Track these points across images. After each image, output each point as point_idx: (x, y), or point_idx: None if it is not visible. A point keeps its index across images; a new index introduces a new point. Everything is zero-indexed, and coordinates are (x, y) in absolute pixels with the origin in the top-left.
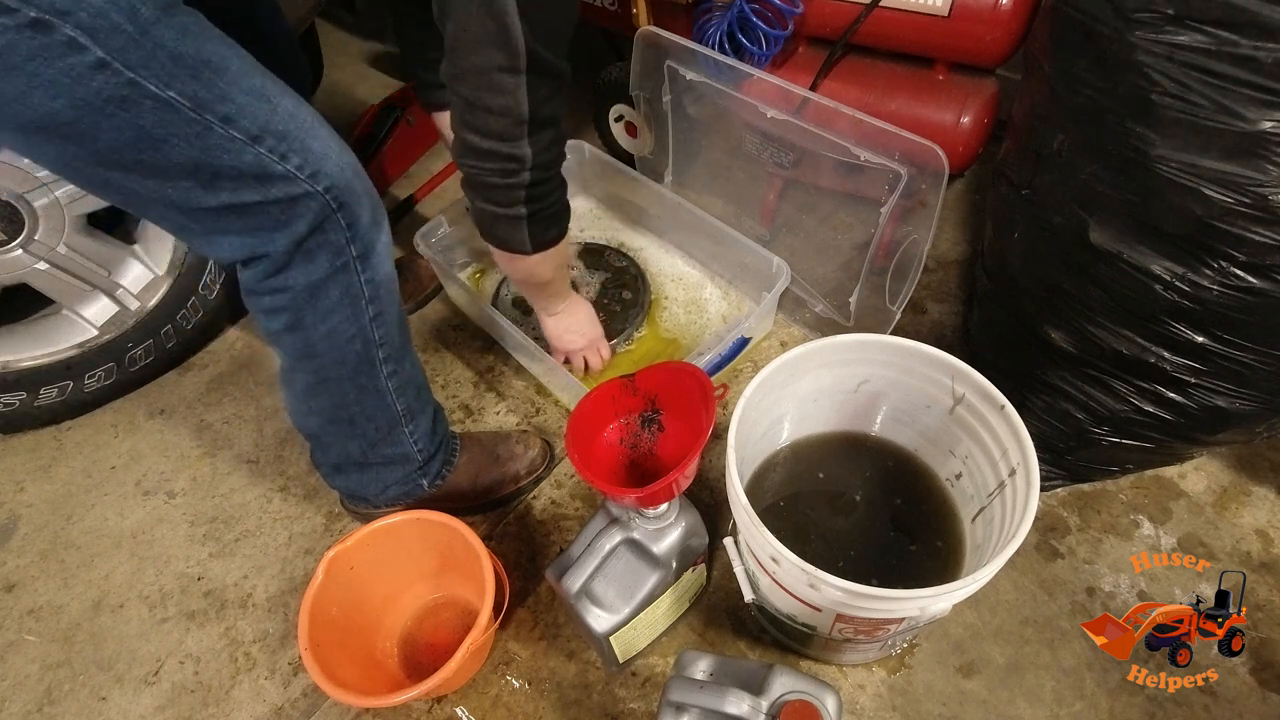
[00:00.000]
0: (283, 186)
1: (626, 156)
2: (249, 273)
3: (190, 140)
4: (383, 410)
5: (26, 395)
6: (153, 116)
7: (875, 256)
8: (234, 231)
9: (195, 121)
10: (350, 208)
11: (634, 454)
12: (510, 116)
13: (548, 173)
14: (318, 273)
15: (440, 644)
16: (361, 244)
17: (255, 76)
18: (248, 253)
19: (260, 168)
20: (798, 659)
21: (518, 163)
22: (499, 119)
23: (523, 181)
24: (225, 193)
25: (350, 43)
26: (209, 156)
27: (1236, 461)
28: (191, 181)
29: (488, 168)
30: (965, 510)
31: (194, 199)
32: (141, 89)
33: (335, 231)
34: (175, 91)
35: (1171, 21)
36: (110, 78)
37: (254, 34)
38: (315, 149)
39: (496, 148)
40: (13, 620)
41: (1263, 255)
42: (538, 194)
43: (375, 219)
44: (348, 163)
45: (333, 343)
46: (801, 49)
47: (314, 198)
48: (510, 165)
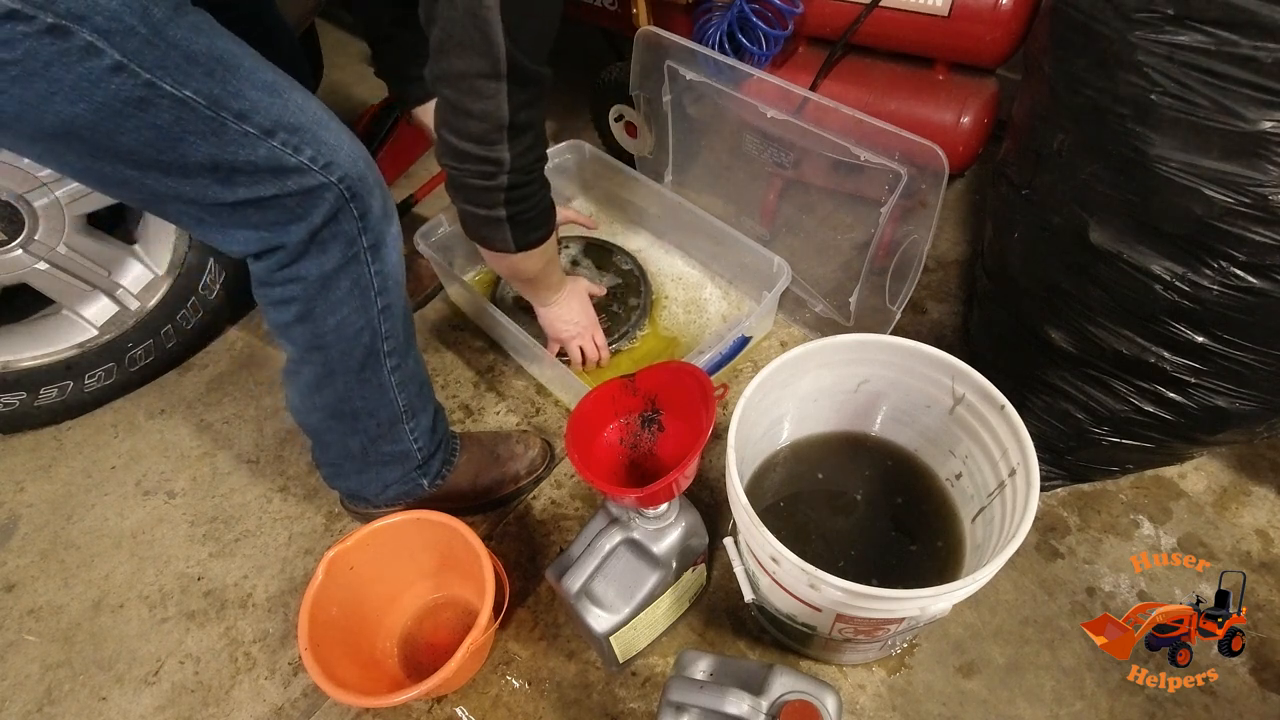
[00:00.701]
0: (298, 179)
1: (626, 156)
2: (262, 264)
3: (206, 137)
4: (385, 405)
5: (26, 395)
6: (170, 115)
7: (875, 256)
8: (251, 225)
9: (211, 119)
10: (363, 198)
11: (634, 454)
12: (490, 121)
13: (527, 175)
14: (330, 263)
15: (440, 644)
16: (373, 235)
17: (266, 72)
18: (263, 245)
19: (275, 161)
20: (798, 659)
21: (496, 165)
22: (479, 123)
23: (501, 185)
24: (242, 188)
25: (350, 43)
26: (225, 153)
27: (1236, 461)
28: (209, 178)
29: (467, 169)
30: (965, 510)
31: (212, 194)
32: (158, 89)
33: (348, 222)
34: (190, 90)
35: (1171, 21)
36: (128, 79)
37: (258, 33)
38: (328, 140)
39: (475, 150)
40: (13, 620)
41: (1263, 255)
42: (518, 197)
43: (386, 210)
44: (359, 154)
45: (341, 334)
46: (801, 49)
47: (329, 189)
48: (489, 168)
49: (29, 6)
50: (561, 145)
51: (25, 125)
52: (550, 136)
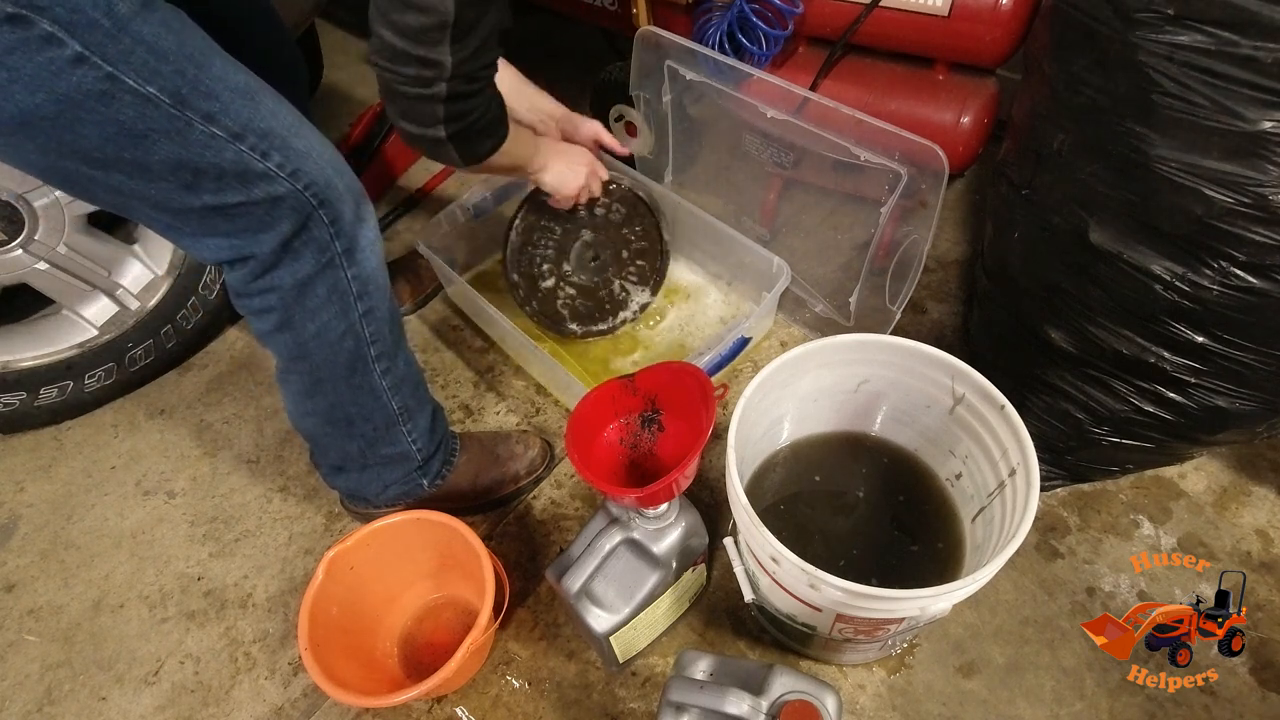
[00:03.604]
0: (264, 186)
1: (626, 156)
2: (236, 274)
3: (171, 137)
4: (379, 409)
5: (26, 395)
6: (133, 111)
7: (875, 256)
8: (220, 233)
9: (176, 118)
10: (332, 204)
11: (634, 454)
12: (431, 15)
13: (469, 84)
14: (304, 270)
15: (440, 644)
16: (346, 240)
17: (238, 74)
18: (235, 254)
19: (241, 165)
20: (798, 659)
21: (434, 69)
22: (418, 15)
23: (439, 94)
24: (208, 193)
25: (350, 43)
26: (190, 154)
27: (1236, 461)
28: (173, 181)
29: (402, 74)
30: (965, 510)
31: (178, 199)
32: (120, 83)
33: (319, 229)
34: (155, 87)
35: (1171, 21)
36: (89, 72)
37: (247, 36)
38: (297, 147)
39: (411, 50)
40: (13, 620)
41: (1263, 255)
42: (457, 112)
43: (359, 215)
44: (329, 160)
45: (323, 341)
46: (801, 49)
47: (296, 196)
48: (426, 73)
49: None
50: None
51: None
52: None
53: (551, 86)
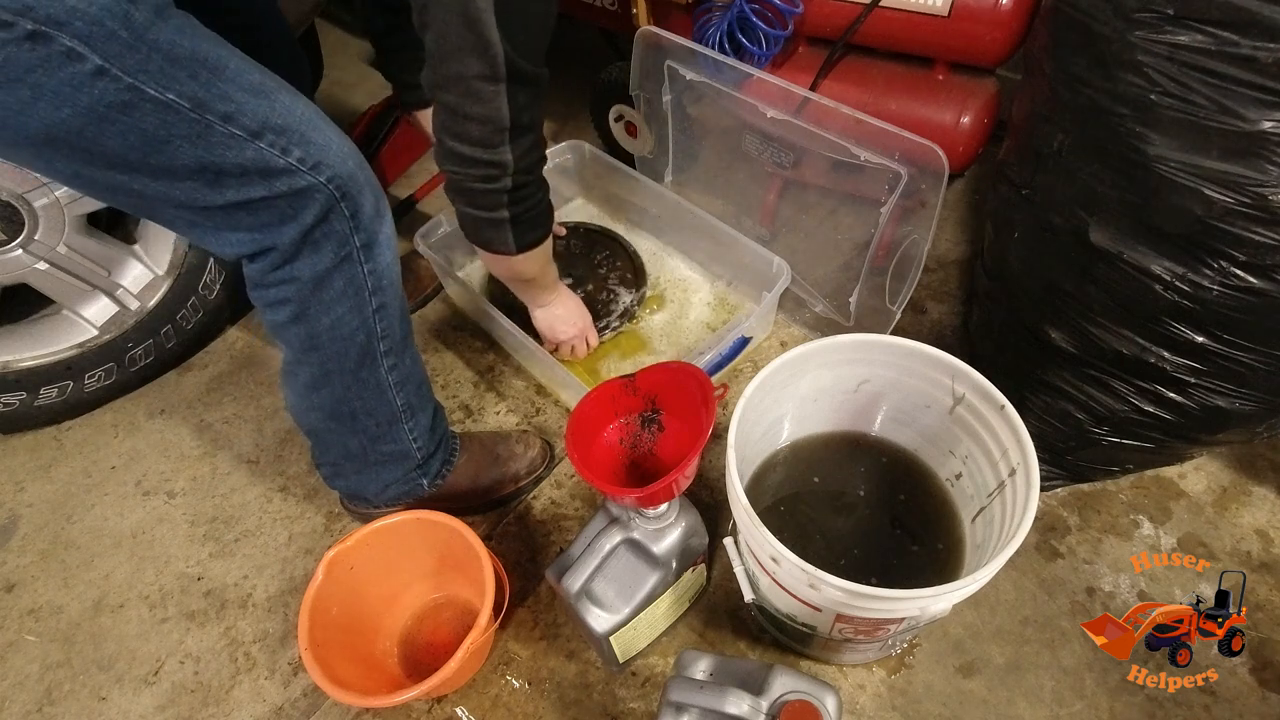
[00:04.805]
0: (287, 180)
1: (626, 156)
2: (256, 266)
3: (193, 140)
4: (383, 405)
5: (26, 395)
6: (155, 119)
7: (875, 256)
8: (243, 227)
9: (196, 121)
10: (354, 198)
11: (634, 454)
12: (491, 124)
13: (529, 176)
14: (323, 263)
15: (440, 644)
16: (365, 234)
17: (253, 73)
18: (256, 246)
19: (263, 163)
20: (798, 659)
21: (500, 169)
22: (480, 126)
23: (505, 186)
24: (231, 190)
25: (350, 43)
26: (212, 155)
27: (1236, 461)
28: (198, 181)
29: (471, 174)
30: (965, 510)
31: (202, 198)
32: (141, 93)
33: (340, 222)
34: (174, 94)
35: (1171, 21)
36: (110, 84)
37: (253, 36)
38: (316, 141)
39: (478, 154)
40: (13, 620)
41: (1263, 255)
42: (520, 197)
43: (378, 210)
44: (349, 153)
45: (336, 334)
46: (801, 49)
47: (318, 189)
48: (493, 171)
49: (7, 14)
50: (561, 145)
51: (10, 131)
52: (550, 136)
53: (551, 86)
